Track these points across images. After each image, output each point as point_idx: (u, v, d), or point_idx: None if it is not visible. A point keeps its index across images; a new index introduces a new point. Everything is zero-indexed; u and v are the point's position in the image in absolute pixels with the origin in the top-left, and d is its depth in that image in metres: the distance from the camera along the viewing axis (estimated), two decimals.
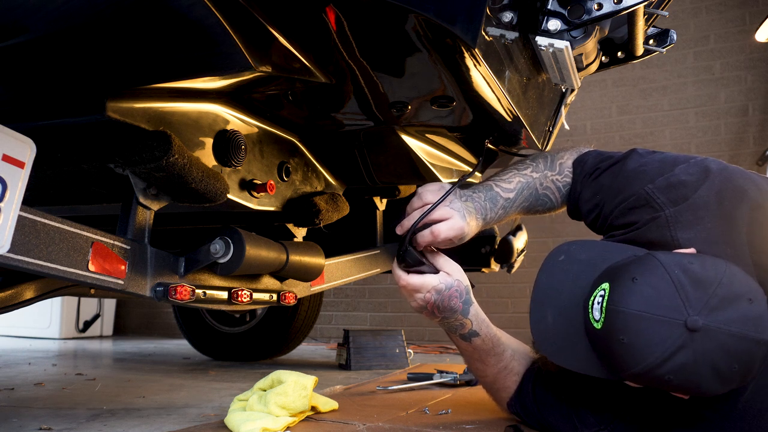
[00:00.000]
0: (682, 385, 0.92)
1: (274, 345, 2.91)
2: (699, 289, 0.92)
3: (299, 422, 1.35)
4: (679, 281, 0.92)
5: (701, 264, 0.95)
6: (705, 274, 0.93)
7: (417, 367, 2.49)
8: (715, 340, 0.89)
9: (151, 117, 1.14)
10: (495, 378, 1.31)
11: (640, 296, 0.93)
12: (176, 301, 1.16)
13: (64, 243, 0.97)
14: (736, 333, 0.89)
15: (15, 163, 0.86)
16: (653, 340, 0.91)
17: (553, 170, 1.30)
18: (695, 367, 0.90)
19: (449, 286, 1.19)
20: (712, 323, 0.90)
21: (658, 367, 0.91)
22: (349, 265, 1.80)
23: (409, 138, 1.54)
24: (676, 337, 0.90)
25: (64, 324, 4.24)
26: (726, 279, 0.93)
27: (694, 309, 0.90)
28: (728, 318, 0.90)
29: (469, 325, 1.23)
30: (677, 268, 0.94)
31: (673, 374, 0.91)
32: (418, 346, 3.63)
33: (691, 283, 0.92)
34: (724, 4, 3.73)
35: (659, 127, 3.77)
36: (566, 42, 1.15)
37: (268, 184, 1.38)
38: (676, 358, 0.90)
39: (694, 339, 0.89)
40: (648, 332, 0.92)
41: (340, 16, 1.05)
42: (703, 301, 0.91)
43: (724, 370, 0.90)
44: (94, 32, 1.01)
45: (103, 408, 1.62)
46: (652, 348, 0.91)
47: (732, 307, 0.91)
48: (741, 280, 0.95)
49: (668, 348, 0.90)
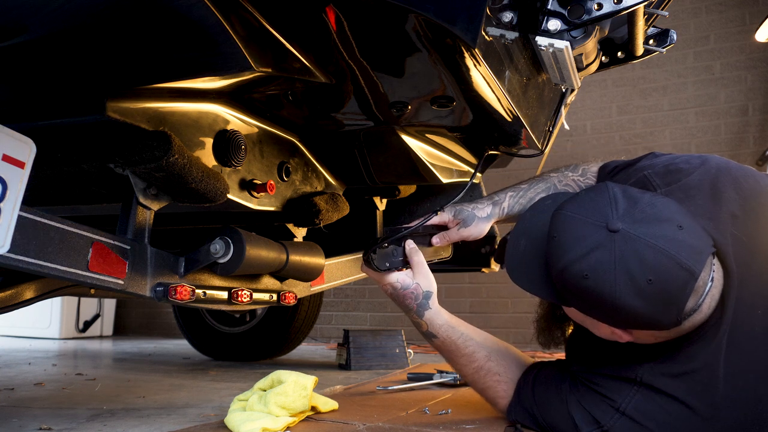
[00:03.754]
0: (597, 287, 0.97)
1: (274, 345, 2.91)
2: (630, 203, 1.01)
3: (299, 422, 1.35)
4: (614, 196, 1.02)
5: (644, 194, 1.04)
6: (641, 196, 1.03)
7: (417, 367, 2.49)
8: (632, 247, 0.96)
9: (151, 117, 1.14)
10: (472, 377, 1.34)
11: (578, 203, 1.05)
12: (176, 301, 1.16)
13: (64, 243, 0.97)
14: (654, 246, 0.95)
15: (15, 163, 0.86)
16: (576, 237, 1.01)
17: (575, 172, 1.40)
18: (610, 267, 0.96)
19: (405, 287, 1.32)
20: (632, 230, 0.97)
21: (577, 262, 0.99)
22: (349, 265, 1.80)
23: (409, 138, 1.54)
24: (597, 237, 0.98)
25: (64, 324, 4.24)
26: (661, 204, 1.01)
27: (618, 216, 0.99)
28: (650, 232, 0.97)
29: (424, 326, 1.33)
30: (620, 189, 1.05)
31: (589, 271, 0.97)
32: (418, 346, 3.63)
33: (624, 198, 1.02)
34: (724, 4, 3.73)
35: (659, 127, 3.77)
36: (566, 42, 1.15)
37: (268, 184, 1.38)
38: (594, 255, 0.97)
39: (613, 240, 0.97)
40: (574, 230, 1.02)
41: (340, 16, 1.05)
42: (630, 212, 0.99)
43: (639, 281, 0.95)
44: (94, 32, 1.01)
45: (103, 408, 1.62)
46: (574, 243, 1.00)
47: (657, 225, 0.97)
48: (679, 211, 1.01)
49: (588, 245, 0.98)
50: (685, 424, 1.05)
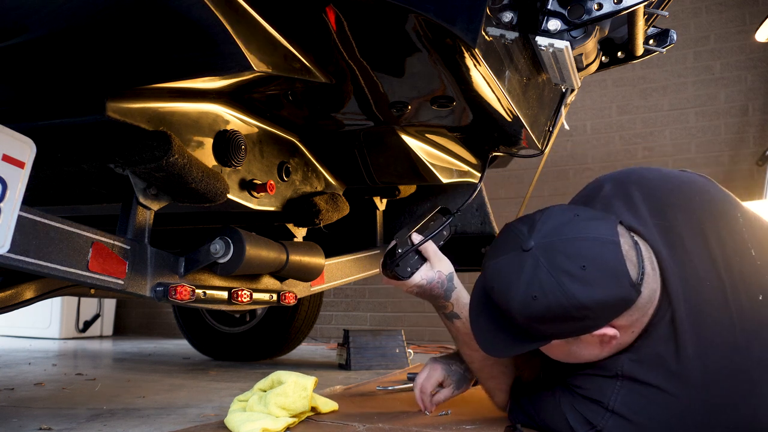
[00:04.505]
0: (550, 300, 0.99)
1: (274, 345, 2.91)
2: (529, 224, 1.07)
3: (299, 423, 1.35)
4: (515, 227, 1.09)
5: (536, 212, 1.10)
6: (534, 214, 1.10)
7: (417, 367, 2.49)
8: (551, 250, 1.01)
9: (151, 117, 1.14)
10: (482, 365, 1.34)
11: (491, 253, 1.11)
12: (176, 301, 1.16)
13: (64, 243, 0.97)
14: (566, 239, 1.01)
15: (15, 163, 0.86)
16: (506, 273, 1.05)
17: None
18: (547, 277, 1.00)
19: (430, 281, 1.31)
20: (543, 239, 1.03)
21: (521, 292, 1.01)
22: (349, 265, 1.80)
23: (409, 138, 1.54)
24: (520, 261, 1.03)
25: (64, 324, 4.24)
26: (552, 210, 1.09)
27: (525, 237, 1.05)
28: (556, 231, 1.03)
29: (450, 307, 1.33)
30: (516, 221, 1.12)
31: (534, 291, 1.00)
32: (418, 346, 3.63)
33: (523, 224, 1.08)
34: (724, 4, 3.73)
35: (659, 127, 3.77)
36: (566, 42, 1.15)
37: (268, 184, 1.38)
38: (527, 276, 1.01)
39: (533, 255, 1.02)
40: (501, 270, 1.06)
41: (340, 16, 1.05)
42: (532, 229, 1.05)
43: (576, 273, 0.99)
44: (94, 32, 1.01)
45: (103, 408, 1.62)
46: (507, 279, 1.04)
47: (559, 224, 1.04)
48: (571, 207, 1.11)
49: (518, 272, 1.02)
50: (672, 412, 1.04)
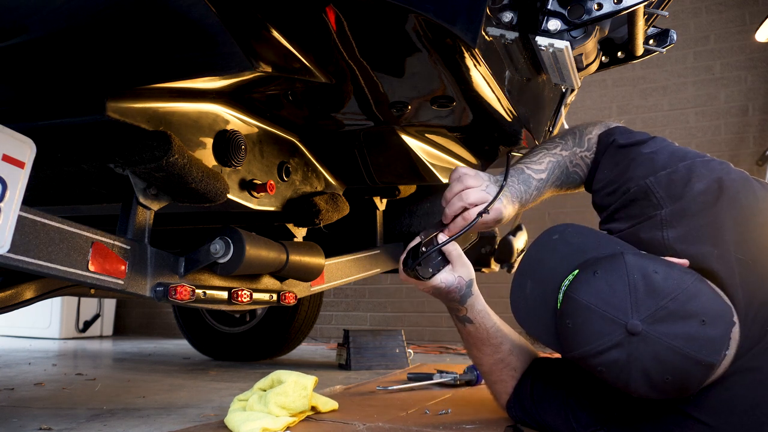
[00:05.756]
0: (612, 379, 0.97)
1: (274, 345, 2.91)
2: (651, 297, 0.94)
3: (299, 422, 1.35)
4: (635, 285, 0.96)
5: (665, 274, 0.97)
6: (663, 285, 0.95)
7: (417, 367, 2.49)
8: (651, 349, 0.93)
9: (151, 117, 1.14)
10: (490, 368, 1.34)
11: (594, 289, 0.98)
12: (176, 301, 1.16)
13: (64, 243, 0.97)
14: (674, 347, 0.92)
15: (15, 163, 0.86)
16: (593, 332, 0.96)
17: (581, 146, 1.31)
18: (626, 366, 0.94)
19: (449, 285, 1.26)
20: (652, 332, 0.92)
21: (592, 357, 0.97)
22: (349, 265, 1.80)
23: (409, 138, 1.54)
24: (615, 336, 0.94)
25: (64, 324, 4.24)
26: (683, 295, 0.94)
27: (639, 314, 0.93)
28: (671, 332, 0.92)
29: (463, 311, 1.31)
30: (639, 272, 0.97)
31: (604, 367, 0.96)
32: (418, 346, 3.63)
33: (646, 289, 0.95)
34: (724, 4, 3.73)
35: (659, 127, 3.77)
36: (566, 42, 1.15)
37: (268, 184, 1.38)
38: (610, 354, 0.95)
39: (630, 342, 0.93)
40: (590, 323, 0.97)
41: (340, 16, 1.05)
42: (651, 309, 0.93)
43: (655, 379, 0.94)
44: (94, 32, 1.01)
45: (103, 408, 1.62)
46: (590, 338, 0.97)
47: (679, 323, 0.93)
48: (702, 300, 0.95)
49: (604, 343, 0.95)
50: None
